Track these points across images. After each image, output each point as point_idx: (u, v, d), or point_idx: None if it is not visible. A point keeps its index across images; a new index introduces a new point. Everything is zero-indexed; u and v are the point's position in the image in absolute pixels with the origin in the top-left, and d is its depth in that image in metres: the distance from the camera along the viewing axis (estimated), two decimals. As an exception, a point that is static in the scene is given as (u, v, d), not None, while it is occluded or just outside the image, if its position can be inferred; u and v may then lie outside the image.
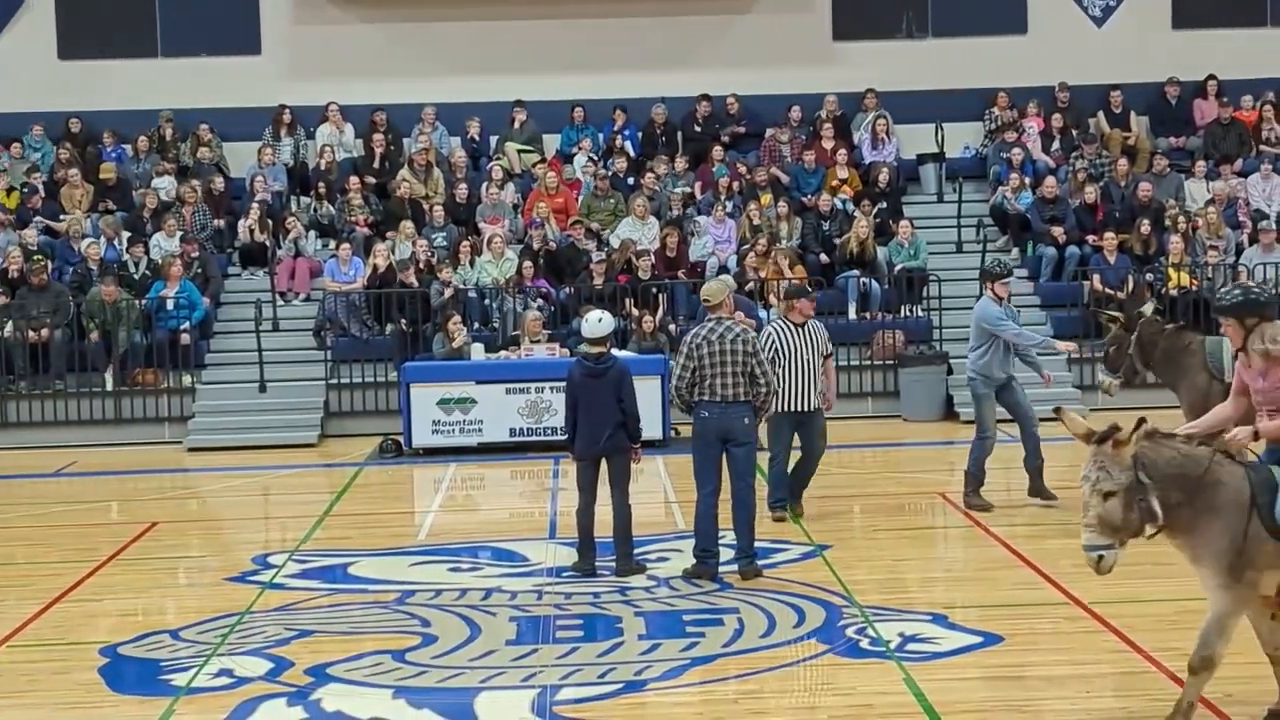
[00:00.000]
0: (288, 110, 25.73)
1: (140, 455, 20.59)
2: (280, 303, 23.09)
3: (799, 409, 14.00)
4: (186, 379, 21.90)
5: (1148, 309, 15.35)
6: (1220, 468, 7.82)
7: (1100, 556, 7.68)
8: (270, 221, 23.94)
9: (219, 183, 24.74)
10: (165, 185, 24.67)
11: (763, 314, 21.62)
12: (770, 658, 9.85)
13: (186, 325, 21.95)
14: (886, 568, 12.52)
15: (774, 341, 13.90)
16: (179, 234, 23.34)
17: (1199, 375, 14.22)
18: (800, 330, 14.07)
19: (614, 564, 12.26)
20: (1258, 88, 26.07)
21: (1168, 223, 23.30)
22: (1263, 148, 25.34)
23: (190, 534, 15.35)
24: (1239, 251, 23.10)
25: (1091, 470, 7.69)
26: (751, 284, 22.17)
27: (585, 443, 12.21)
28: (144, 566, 13.54)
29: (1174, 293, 22.21)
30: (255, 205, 24.00)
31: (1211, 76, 26.04)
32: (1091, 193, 23.85)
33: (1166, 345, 14.61)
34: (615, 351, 13.79)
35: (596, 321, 12.44)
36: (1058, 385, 18.34)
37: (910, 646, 9.95)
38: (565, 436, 12.61)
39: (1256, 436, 7.93)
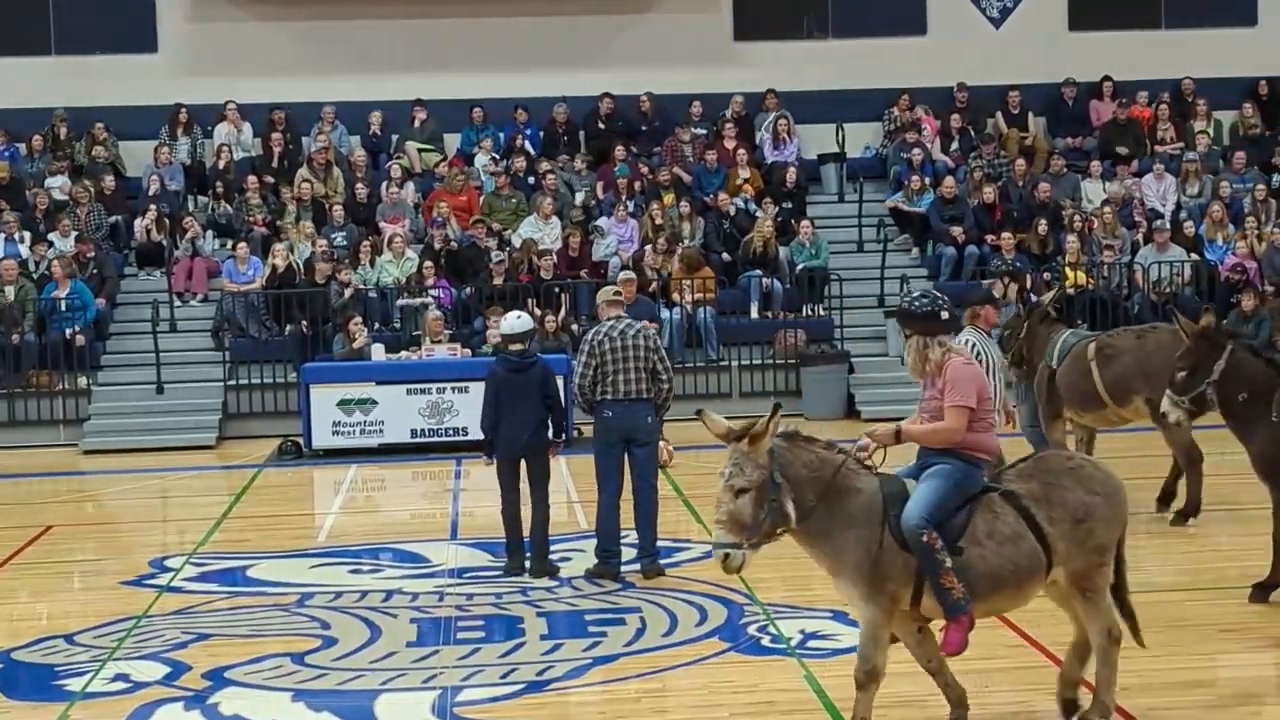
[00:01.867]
0: (184, 109, 25.47)
1: (35, 458, 20.33)
2: (178, 303, 22.86)
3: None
4: (82, 380, 21.63)
5: (1047, 297, 15.47)
6: (854, 475, 7.78)
7: (727, 555, 7.54)
8: (167, 221, 23.69)
9: (108, 181, 24.39)
10: (59, 184, 24.34)
11: (665, 314, 21.71)
12: (672, 656, 9.86)
13: (78, 327, 21.66)
14: (788, 565, 12.52)
15: (980, 353, 11.82)
16: (74, 234, 23.05)
17: (1040, 363, 14.40)
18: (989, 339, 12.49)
19: (529, 564, 12.25)
20: (1153, 88, 26.41)
21: (1065, 222, 23.55)
22: (1157, 148, 25.68)
23: (86, 537, 15.17)
24: (1134, 251, 23.40)
25: (727, 466, 7.59)
26: (654, 283, 22.21)
27: (506, 442, 12.19)
28: (39, 571, 13.37)
29: (1071, 291, 22.47)
30: (152, 205, 23.74)
31: (1107, 78, 26.36)
32: (990, 193, 24.07)
33: (1038, 333, 14.64)
34: None
35: (515, 319, 12.49)
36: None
37: (811, 643, 10.00)
38: (475, 438, 12.60)
39: (899, 437, 7.88)
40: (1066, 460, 8.32)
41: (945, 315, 7.95)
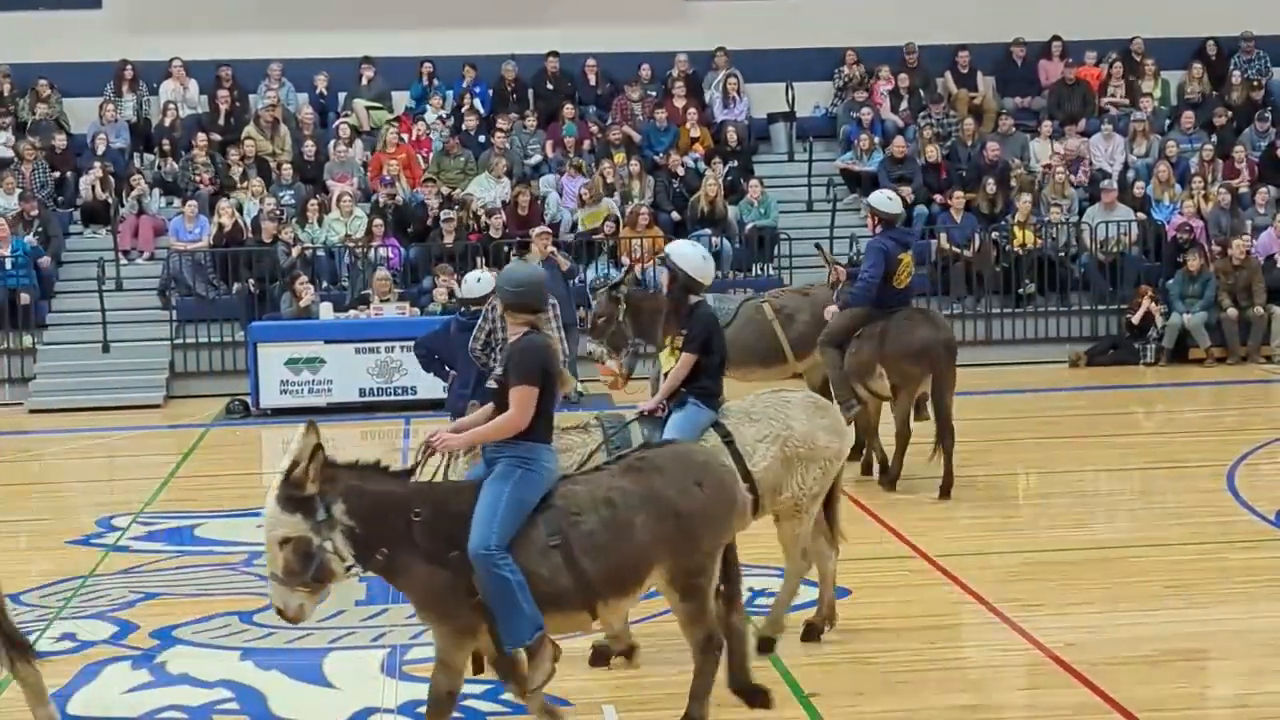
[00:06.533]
0: (130, 66, 25.21)
1: (-20, 417, 20.19)
2: (124, 261, 22.66)
3: None
4: (27, 339, 21.46)
5: (629, 279, 15.79)
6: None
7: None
8: (113, 179, 23.50)
9: (59, 139, 24.19)
10: (2, 141, 24.10)
11: (613, 273, 21.66)
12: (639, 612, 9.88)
13: (28, 284, 21.50)
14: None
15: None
16: (18, 191, 22.84)
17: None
18: None
19: None
20: (1102, 48, 26.46)
21: (1014, 182, 23.62)
22: (1104, 105, 25.75)
23: (31, 496, 15.10)
24: (1082, 210, 23.50)
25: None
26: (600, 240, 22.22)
27: (457, 398, 12.16)
28: (-17, 530, 13.28)
29: (1019, 251, 22.58)
30: (97, 162, 23.53)
31: (1056, 37, 26.39)
32: (933, 152, 24.10)
33: (652, 308, 14.49)
34: None
35: (475, 281, 12.43)
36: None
37: (759, 601, 10.02)
38: (424, 397, 12.51)
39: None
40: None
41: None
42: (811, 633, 9.25)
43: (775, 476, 8.84)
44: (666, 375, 9.33)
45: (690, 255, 9.33)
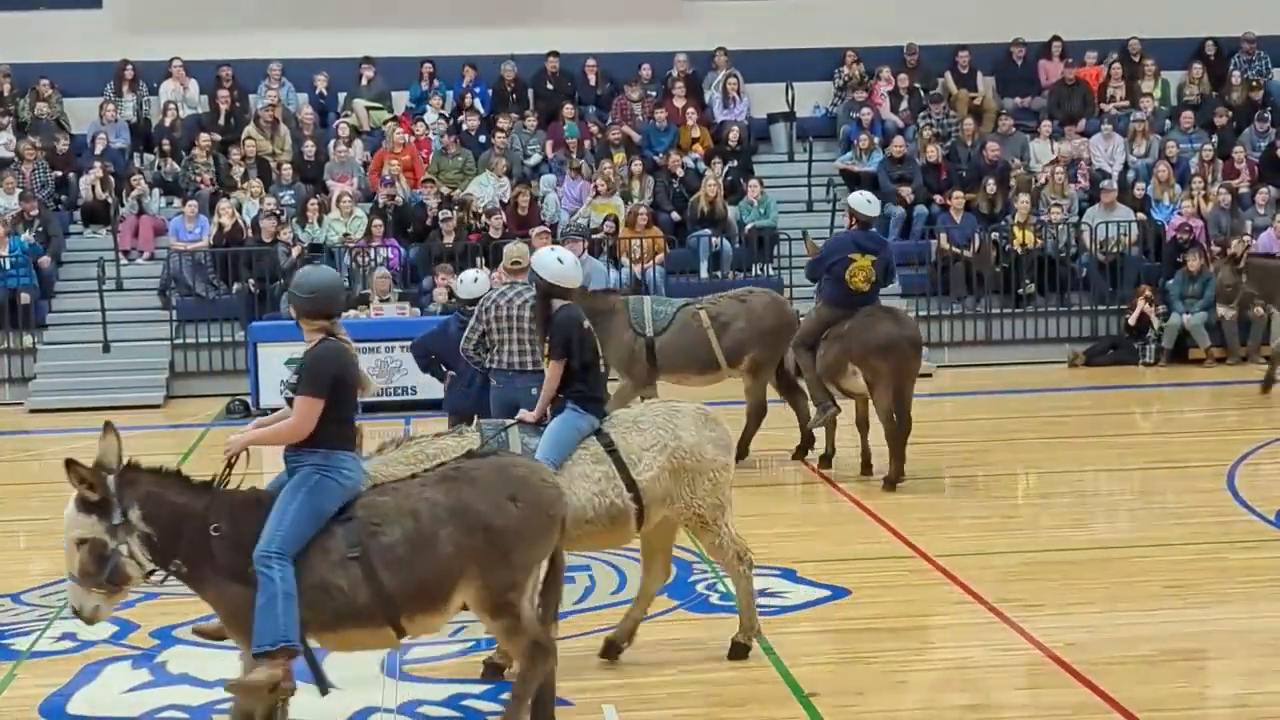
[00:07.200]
0: (130, 66, 25.21)
1: (-20, 417, 20.19)
2: (124, 261, 22.67)
3: None
4: (27, 339, 21.47)
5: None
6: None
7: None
8: (113, 179, 23.50)
9: (62, 143, 24.19)
10: (2, 141, 24.10)
11: (613, 274, 21.68)
12: (622, 613, 9.84)
13: (28, 283, 21.50)
14: (737, 523, 12.57)
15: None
16: (18, 191, 22.83)
17: (624, 333, 14.82)
18: None
19: None
20: (1102, 48, 26.46)
21: (1013, 182, 23.62)
22: (1104, 107, 25.75)
23: (32, 496, 15.06)
24: (1082, 211, 23.50)
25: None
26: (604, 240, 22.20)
27: (456, 399, 12.16)
28: (-17, 530, 13.28)
29: (1019, 251, 22.58)
30: (97, 162, 23.53)
31: (1056, 37, 26.39)
32: (933, 152, 24.10)
33: (589, 307, 14.57)
34: None
35: (473, 282, 12.41)
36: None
37: (759, 601, 10.01)
38: (423, 397, 12.54)
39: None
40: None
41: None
42: (610, 650, 8.96)
43: (663, 487, 8.68)
44: None
45: (548, 261, 9.11)
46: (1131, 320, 21.75)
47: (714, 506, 8.83)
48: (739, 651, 8.93)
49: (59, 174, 23.94)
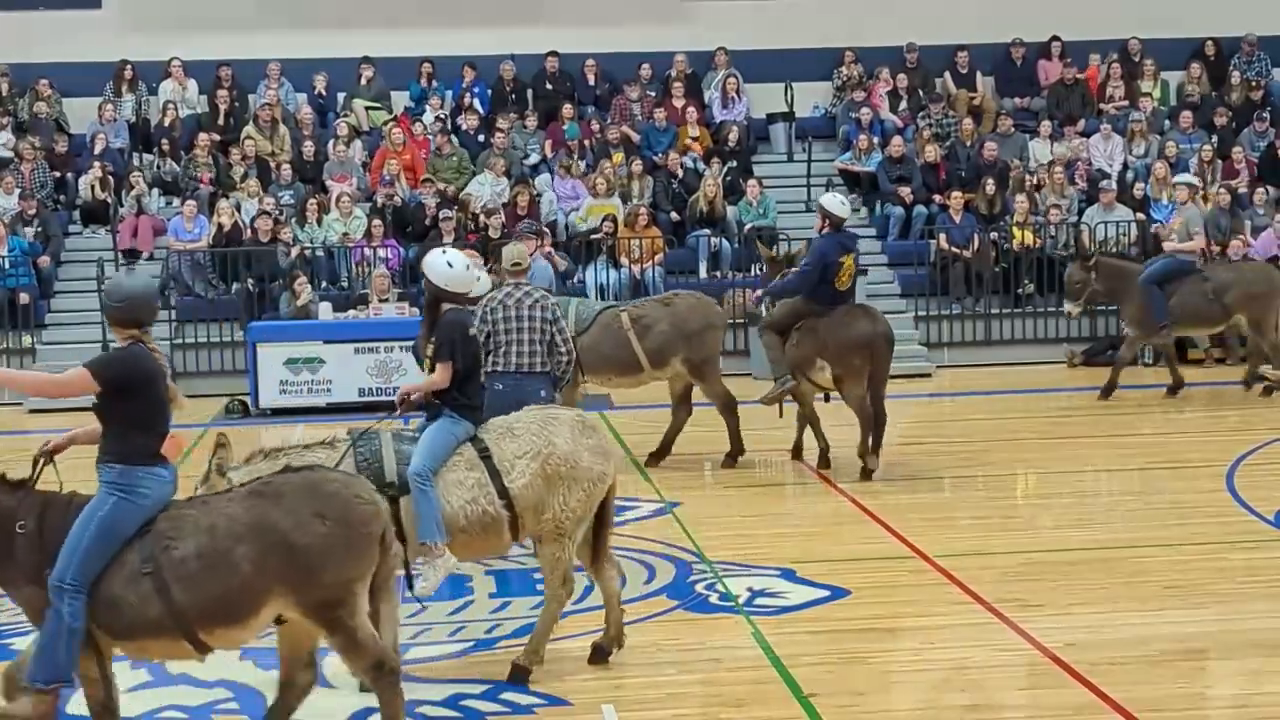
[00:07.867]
0: (129, 66, 25.21)
1: (-21, 417, 20.17)
2: (123, 261, 22.66)
3: None
4: (26, 339, 21.46)
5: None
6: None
7: None
8: (112, 179, 23.49)
9: (61, 145, 24.18)
10: (3, 141, 24.10)
11: (613, 274, 21.66)
12: (627, 613, 9.87)
13: (27, 283, 21.50)
14: (736, 524, 12.60)
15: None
16: (17, 191, 22.83)
17: None
18: None
19: None
20: (1102, 48, 26.45)
21: (1012, 182, 23.61)
22: (1103, 107, 25.74)
23: (31, 497, 15.02)
24: (1081, 211, 23.49)
25: None
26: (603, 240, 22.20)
27: None
28: (-17, 530, 13.24)
29: (1018, 251, 22.57)
30: (96, 162, 23.53)
31: (1056, 37, 26.38)
32: (932, 152, 24.09)
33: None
34: None
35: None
36: (903, 342, 18.51)
37: (759, 601, 10.04)
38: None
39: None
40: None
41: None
42: (599, 654, 8.92)
43: (536, 495, 8.58)
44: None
45: (436, 264, 9.05)
46: (1130, 321, 21.70)
47: (579, 519, 8.69)
48: (519, 675, 8.62)
49: (58, 174, 23.95)
